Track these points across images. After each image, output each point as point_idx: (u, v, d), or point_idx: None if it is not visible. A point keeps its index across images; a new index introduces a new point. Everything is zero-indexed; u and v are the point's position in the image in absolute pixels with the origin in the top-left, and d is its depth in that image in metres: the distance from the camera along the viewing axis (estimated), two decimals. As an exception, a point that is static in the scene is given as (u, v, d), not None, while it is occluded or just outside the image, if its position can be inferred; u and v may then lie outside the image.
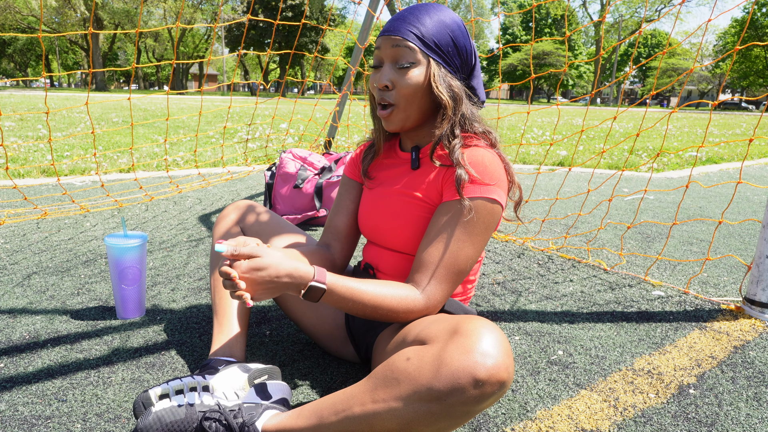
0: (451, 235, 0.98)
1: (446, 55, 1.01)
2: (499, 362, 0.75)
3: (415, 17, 1.00)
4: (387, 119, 1.04)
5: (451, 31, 1.01)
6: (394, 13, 2.16)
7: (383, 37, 1.01)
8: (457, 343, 0.78)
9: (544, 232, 2.67)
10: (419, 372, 0.78)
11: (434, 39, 0.99)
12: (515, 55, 49.19)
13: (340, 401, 0.86)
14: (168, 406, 0.91)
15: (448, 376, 0.75)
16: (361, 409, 0.82)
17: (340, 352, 1.28)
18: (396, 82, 1.00)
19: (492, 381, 0.75)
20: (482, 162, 0.99)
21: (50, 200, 2.96)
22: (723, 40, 47.49)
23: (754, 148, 7.64)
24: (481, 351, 0.76)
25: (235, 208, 1.31)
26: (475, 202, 0.97)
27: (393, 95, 1.01)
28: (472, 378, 0.74)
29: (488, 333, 0.78)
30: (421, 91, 1.00)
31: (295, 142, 5.93)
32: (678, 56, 49.62)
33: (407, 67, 0.99)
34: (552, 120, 13.39)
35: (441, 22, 1.01)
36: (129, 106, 2.35)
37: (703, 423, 1.11)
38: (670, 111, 1.66)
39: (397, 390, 0.79)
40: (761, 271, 1.67)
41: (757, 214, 3.25)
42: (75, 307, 1.56)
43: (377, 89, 1.03)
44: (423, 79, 1.00)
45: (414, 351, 0.82)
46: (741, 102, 43.11)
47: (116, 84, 62.25)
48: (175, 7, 39.34)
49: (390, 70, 1.00)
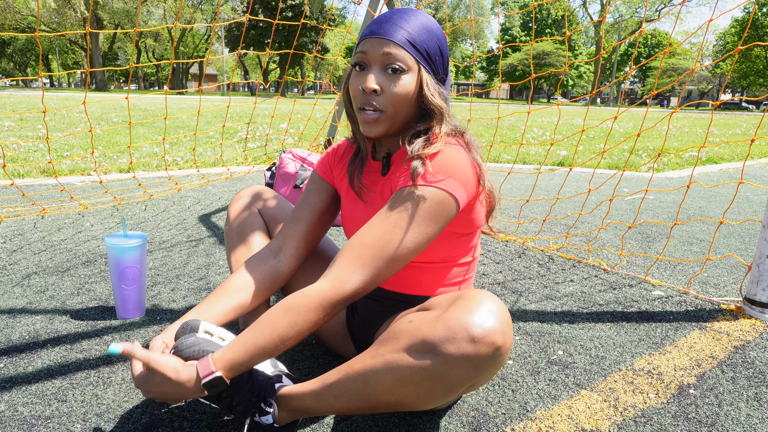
0: (388, 219, 0.91)
1: (434, 63, 0.98)
2: (495, 326, 0.77)
3: (405, 21, 0.95)
4: (371, 124, 0.97)
5: (438, 39, 0.98)
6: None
7: (373, 39, 0.95)
8: (458, 304, 0.80)
9: (545, 232, 2.67)
10: (418, 328, 0.81)
11: (425, 46, 0.96)
12: (515, 55, 49.20)
13: (345, 364, 0.90)
14: (210, 338, 0.94)
15: (443, 328, 0.78)
16: (361, 366, 0.86)
17: (341, 349, 1.28)
18: (385, 87, 0.94)
19: (486, 341, 0.76)
20: (443, 156, 0.94)
21: (49, 199, 2.96)
22: (723, 40, 47.50)
23: (753, 148, 7.64)
24: (480, 313, 0.78)
25: (252, 193, 1.32)
26: (424, 190, 0.90)
27: (381, 101, 0.95)
28: (466, 333, 0.76)
29: (490, 301, 0.81)
30: (410, 98, 0.96)
31: (294, 141, 5.93)
32: (678, 56, 49.62)
33: (398, 73, 0.94)
34: (552, 120, 13.38)
35: (429, 30, 0.97)
36: (128, 106, 2.35)
37: (703, 423, 1.11)
38: (671, 111, 1.66)
39: (395, 344, 0.82)
40: (761, 271, 1.67)
41: (757, 214, 3.25)
42: (75, 307, 1.56)
43: (361, 93, 0.96)
44: (414, 87, 0.95)
45: (417, 314, 0.86)
46: (741, 102, 43.11)
47: (116, 84, 62.25)
48: (175, 7, 39.34)
49: (379, 73, 0.95)
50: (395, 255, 0.90)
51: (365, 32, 0.97)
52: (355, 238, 0.92)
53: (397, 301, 1.12)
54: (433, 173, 0.91)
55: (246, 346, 0.87)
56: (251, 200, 1.30)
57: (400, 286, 1.11)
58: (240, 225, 1.27)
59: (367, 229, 0.92)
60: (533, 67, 29.84)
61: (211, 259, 2.04)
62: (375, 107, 0.95)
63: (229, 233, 1.29)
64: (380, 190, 1.06)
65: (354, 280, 0.89)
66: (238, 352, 0.87)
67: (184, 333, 0.94)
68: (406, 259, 0.92)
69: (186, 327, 0.95)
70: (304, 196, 1.17)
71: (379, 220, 0.92)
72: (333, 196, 1.18)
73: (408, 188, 0.92)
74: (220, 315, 1.04)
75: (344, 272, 0.89)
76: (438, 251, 1.05)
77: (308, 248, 1.15)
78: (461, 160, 0.94)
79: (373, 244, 0.90)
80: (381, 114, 0.96)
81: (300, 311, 0.88)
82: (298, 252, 1.13)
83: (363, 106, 0.96)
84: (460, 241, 1.06)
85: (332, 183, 1.18)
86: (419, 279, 1.08)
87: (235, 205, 1.30)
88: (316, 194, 1.16)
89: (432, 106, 0.97)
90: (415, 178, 0.91)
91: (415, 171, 0.92)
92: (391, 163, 1.06)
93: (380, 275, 0.91)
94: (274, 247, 1.13)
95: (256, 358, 0.87)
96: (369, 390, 0.84)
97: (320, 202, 1.16)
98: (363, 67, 0.96)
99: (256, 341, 0.87)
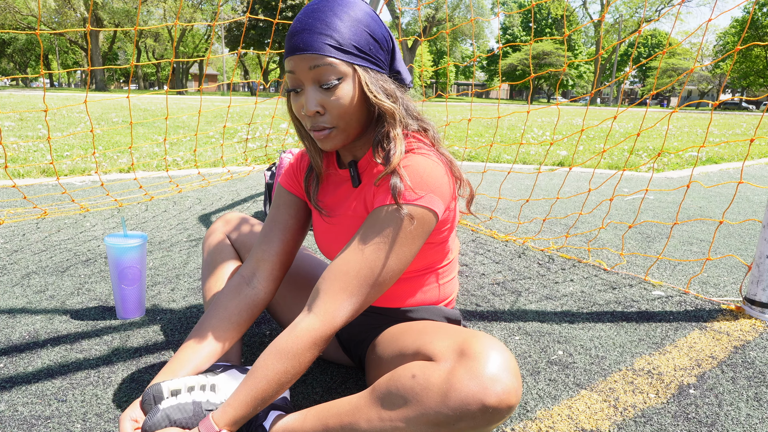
0: (370, 242, 0.87)
1: (369, 55, 0.88)
2: (508, 387, 0.75)
3: (324, 24, 0.85)
4: (327, 140, 0.91)
5: (366, 26, 0.88)
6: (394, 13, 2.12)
7: (295, 57, 0.86)
8: (466, 366, 0.76)
9: (545, 231, 2.67)
10: (427, 394, 0.77)
11: (353, 43, 0.86)
12: (515, 55, 49.20)
13: (346, 413, 0.86)
14: (176, 404, 0.91)
15: (457, 402, 0.75)
16: (368, 426, 0.83)
17: (335, 358, 1.26)
18: (326, 104, 0.87)
19: (501, 407, 0.74)
20: (418, 170, 0.87)
21: (50, 200, 2.96)
22: (723, 39, 47.49)
23: (753, 147, 7.64)
24: (490, 376, 0.75)
25: (224, 222, 1.28)
26: (407, 208, 0.86)
27: (327, 119, 0.89)
28: (481, 404, 0.74)
29: (496, 355, 0.77)
30: (355, 104, 0.89)
31: (294, 141, 5.93)
32: (678, 56, 49.63)
33: (334, 86, 0.86)
34: (552, 120, 13.38)
35: (354, 21, 0.86)
36: (128, 106, 2.35)
37: (703, 423, 1.11)
38: (671, 111, 1.66)
39: (405, 411, 0.79)
40: (761, 271, 1.67)
41: (757, 214, 3.25)
42: (75, 307, 1.56)
43: (306, 116, 0.90)
44: (354, 92, 0.88)
45: (419, 368, 0.80)
46: (741, 102, 43.12)
47: (116, 84, 62.28)
48: (175, 7, 39.32)
49: (315, 92, 0.87)
50: (381, 279, 0.88)
51: (287, 48, 0.88)
52: (338, 266, 0.88)
53: (382, 315, 1.09)
54: (412, 188, 0.86)
55: (246, 400, 0.86)
56: (223, 230, 1.26)
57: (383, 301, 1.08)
58: (211, 257, 1.22)
59: (350, 255, 0.88)
60: (533, 67, 29.99)
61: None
62: (324, 127, 0.90)
63: (203, 267, 1.25)
64: (352, 204, 1.01)
65: (343, 312, 0.87)
66: (239, 408, 0.86)
67: (149, 405, 0.92)
68: (393, 281, 0.89)
69: (149, 398, 0.92)
70: (273, 213, 1.09)
71: (361, 245, 0.87)
72: (304, 209, 1.11)
73: (388, 207, 0.87)
74: (200, 364, 0.99)
75: (332, 306, 0.86)
76: (416, 263, 1.01)
77: (283, 269, 1.08)
78: (436, 170, 0.89)
79: (359, 272, 0.86)
80: (333, 129, 0.90)
81: (295, 354, 0.85)
82: (273, 274, 1.06)
83: (313, 129, 0.91)
84: (435, 250, 1.02)
85: (300, 196, 1.10)
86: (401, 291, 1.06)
87: (207, 240, 1.27)
88: (285, 210, 1.09)
89: (380, 108, 0.90)
90: (397, 196, 0.86)
91: (395, 189, 0.86)
92: (360, 172, 1.01)
93: (368, 301, 0.89)
94: (246, 273, 1.06)
95: (258, 407, 0.87)
96: None
97: (290, 218, 1.08)
98: (298, 89, 0.89)
99: (256, 393, 0.85)
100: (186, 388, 0.94)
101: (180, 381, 0.95)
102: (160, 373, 0.97)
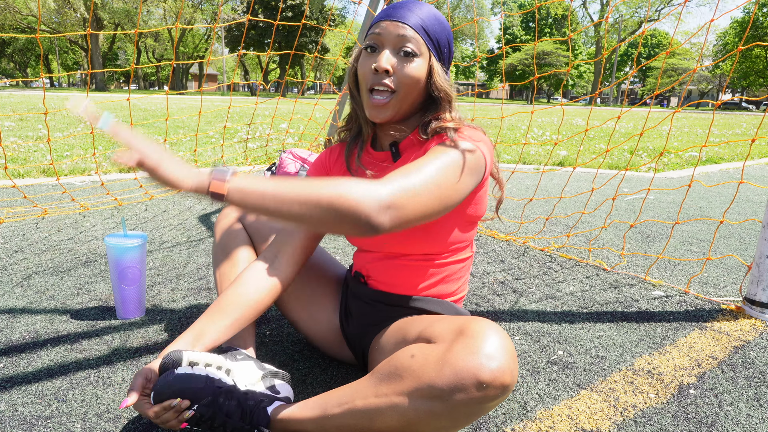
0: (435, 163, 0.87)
1: (442, 54, 1.01)
2: (503, 365, 0.76)
3: (419, 9, 0.98)
4: (380, 108, 0.97)
5: (447, 33, 1.02)
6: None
7: (388, 21, 0.97)
8: (463, 343, 0.78)
9: (545, 231, 2.67)
10: (423, 369, 0.78)
11: (436, 36, 0.99)
12: (515, 55, 49.20)
13: (345, 395, 0.88)
14: (190, 372, 0.92)
15: (451, 375, 0.76)
16: (364, 403, 0.84)
17: (339, 355, 1.27)
18: (397, 68, 0.96)
19: (495, 384, 0.75)
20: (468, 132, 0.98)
21: (50, 199, 2.96)
22: (723, 40, 47.50)
23: (754, 148, 7.64)
24: (486, 353, 0.76)
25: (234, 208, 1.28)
26: (464, 143, 0.93)
27: (393, 80, 0.96)
28: (475, 379, 0.75)
29: (494, 335, 0.78)
30: (419, 83, 0.98)
31: (295, 141, 5.93)
32: (678, 56, 49.63)
33: (411, 56, 0.96)
34: (552, 120, 13.38)
35: (441, 22, 1.00)
36: (129, 106, 2.34)
37: (703, 423, 1.11)
38: (673, 111, 1.66)
39: (400, 385, 0.80)
40: (761, 271, 1.66)
41: (757, 214, 3.25)
42: (75, 307, 1.56)
43: (372, 73, 0.96)
44: (424, 72, 0.98)
45: (419, 348, 0.82)
46: (741, 102, 43.11)
47: (116, 84, 62.25)
48: (175, 7, 39.33)
49: (391, 55, 0.96)
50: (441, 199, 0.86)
51: (380, 15, 0.99)
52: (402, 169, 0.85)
53: (392, 307, 1.10)
54: (466, 137, 0.95)
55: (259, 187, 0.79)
56: (236, 213, 1.28)
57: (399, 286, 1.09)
58: (224, 241, 1.25)
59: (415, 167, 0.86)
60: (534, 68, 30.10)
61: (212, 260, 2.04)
62: (387, 86, 0.96)
63: (215, 251, 1.27)
64: None
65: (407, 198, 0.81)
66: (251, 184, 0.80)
67: (166, 368, 0.91)
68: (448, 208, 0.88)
69: (168, 362, 0.92)
70: None
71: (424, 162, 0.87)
72: None
73: (447, 143, 0.93)
74: (219, 336, 0.99)
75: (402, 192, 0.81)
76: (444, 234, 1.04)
77: (305, 254, 1.09)
78: (482, 136, 0.99)
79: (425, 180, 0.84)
80: (391, 96, 0.97)
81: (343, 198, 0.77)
82: (294, 258, 1.07)
83: (374, 86, 0.97)
84: (464, 228, 1.06)
85: None
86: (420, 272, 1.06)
87: (220, 223, 1.29)
88: None
89: (441, 92, 0.99)
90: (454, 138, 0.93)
91: (449, 132, 0.95)
92: (401, 151, 1.05)
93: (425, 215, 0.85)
94: (269, 255, 1.08)
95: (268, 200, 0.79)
96: (375, 426, 0.83)
97: None
98: (375, 48, 0.98)
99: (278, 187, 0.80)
100: (204, 363, 0.96)
101: (201, 355, 0.96)
102: (178, 340, 0.98)
